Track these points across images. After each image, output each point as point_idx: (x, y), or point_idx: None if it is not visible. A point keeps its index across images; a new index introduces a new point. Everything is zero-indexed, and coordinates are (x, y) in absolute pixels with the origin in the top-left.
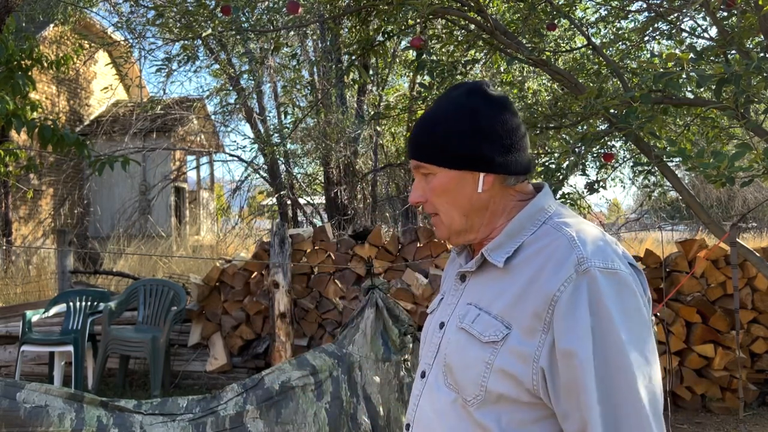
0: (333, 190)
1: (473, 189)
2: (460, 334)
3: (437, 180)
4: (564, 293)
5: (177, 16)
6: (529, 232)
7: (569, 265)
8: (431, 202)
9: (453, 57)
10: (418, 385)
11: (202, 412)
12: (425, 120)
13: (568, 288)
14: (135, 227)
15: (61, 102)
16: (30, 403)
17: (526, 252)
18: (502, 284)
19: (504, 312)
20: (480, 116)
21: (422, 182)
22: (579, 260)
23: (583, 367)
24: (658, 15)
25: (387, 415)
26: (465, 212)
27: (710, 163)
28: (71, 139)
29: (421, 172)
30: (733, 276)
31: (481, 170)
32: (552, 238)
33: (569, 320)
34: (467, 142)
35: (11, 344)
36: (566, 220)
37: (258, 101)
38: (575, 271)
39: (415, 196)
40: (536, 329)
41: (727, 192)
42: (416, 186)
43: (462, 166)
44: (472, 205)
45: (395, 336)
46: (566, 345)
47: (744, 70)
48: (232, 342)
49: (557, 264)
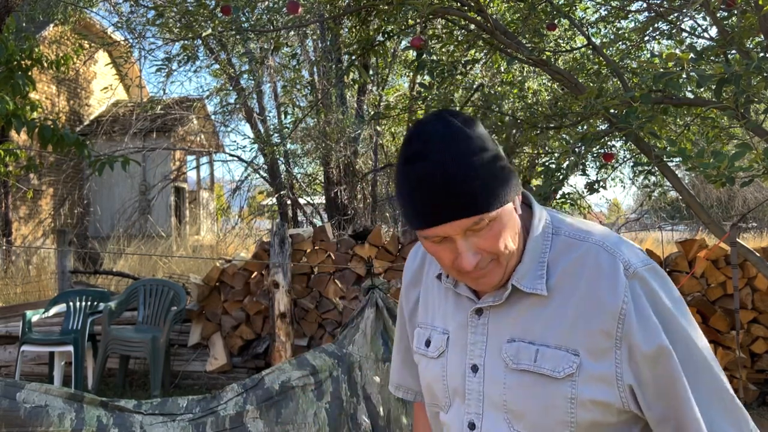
0: (333, 190)
1: (515, 217)
2: (522, 376)
3: (500, 222)
4: (628, 304)
5: (177, 16)
6: (546, 248)
7: (619, 275)
8: (490, 251)
9: (453, 57)
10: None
11: (202, 412)
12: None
13: (628, 298)
14: (135, 227)
15: (61, 102)
16: (30, 403)
17: (557, 270)
18: (548, 310)
19: (564, 340)
20: (488, 136)
21: (472, 238)
22: (625, 266)
23: (670, 364)
24: (658, 15)
25: (387, 415)
26: (517, 243)
27: (710, 163)
28: (71, 139)
29: (475, 227)
30: (733, 276)
31: (519, 191)
32: (580, 251)
33: (642, 326)
34: (504, 168)
35: (11, 344)
36: (574, 227)
37: (258, 101)
38: (626, 278)
39: (472, 258)
40: (608, 348)
41: (727, 192)
42: (465, 248)
43: (513, 194)
44: (517, 230)
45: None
46: (648, 348)
47: (744, 70)
48: (232, 342)
49: (608, 277)
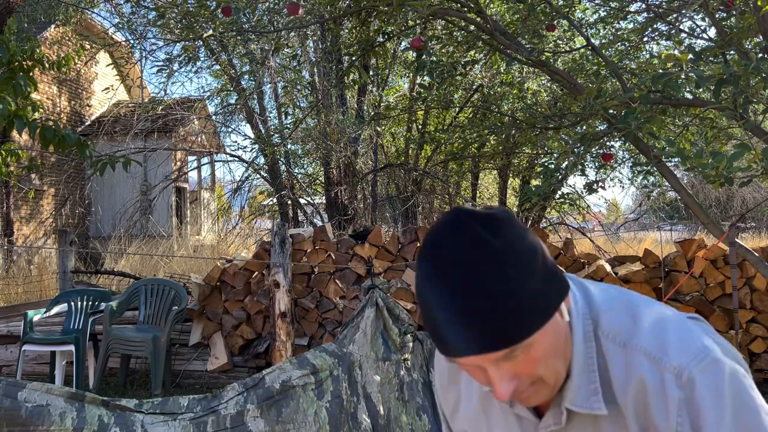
0: (333, 190)
1: (563, 324)
2: None
3: (540, 346)
4: (684, 418)
5: (178, 17)
6: (592, 354)
7: (671, 389)
8: (533, 375)
9: (453, 57)
10: None
11: (203, 411)
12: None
13: (683, 412)
14: (136, 227)
15: (62, 102)
16: (31, 402)
17: (608, 380)
18: (611, 427)
19: None
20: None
21: (507, 365)
22: (676, 374)
23: None
24: (657, 16)
25: (387, 414)
26: (564, 357)
27: (709, 164)
28: (72, 140)
29: (513, 355)
30: (732, 276)
31: (562, 298)
32: (627, 361)
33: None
34: (545, 280)
35: (13, 344)
36: (613, 323)
37: (258, 102)
38: (679, 389)
39: (507, 388)
40: None
41: (725, 192)
42: (501, 376)
43: (555, 309)
44: (563, 341)
45: (395, 335)
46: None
47: (743, 70)
48: (232, 341)
49: (657, 395)
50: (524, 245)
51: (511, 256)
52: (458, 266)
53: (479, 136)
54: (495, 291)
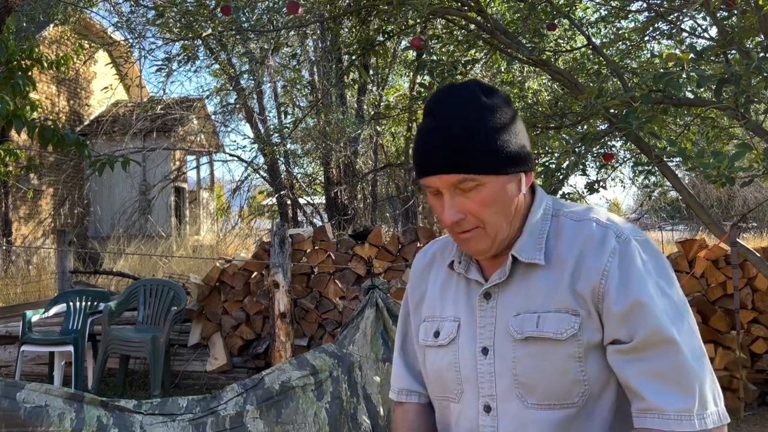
0: (333, 190)
1: (517, 191)
2: (529, 346)
3: (487, 191)
4: (613, 263)
5: (177, 16)
6: (546, 227)
7: (610, 240)
8: (475, 215)
9: (453, 57)
10: (484, 421)
11: (202, 412)
12: (462, 128)
13: (615, 258)
14: (135, 227)
15: (61, 102)
16: (30, 403)
17: (555, 244)
18: (548, 280)
19: (563, 303)
20: (511, 116)
21: (459, 197)
22: (617, 233)
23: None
24: (658, 15)
25: (387, 415)
26: (510, 218)
27: (710, 163)
28: (71, 140)
29: (462, 186)
30: (734, 276)
31: (524, 170)
32: (578, 228)
33: (624, 280)
34: (514, 143)
35: (11, 344)
36: (575, 209)
37: (258, 101)
38: (617, 242)
39: (452, 213)
40: (598, 304)
41: (727, 192)
42: (451, 204)
43: (513, 170)
44: (515, 209)
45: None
46: (630, 298)
47: (744, 70)
48: (232, 342)
49: (598, 242)
50: (508, 114)
51: (492, 112)
52: (446, 103)
53: None
54: (466, 125)
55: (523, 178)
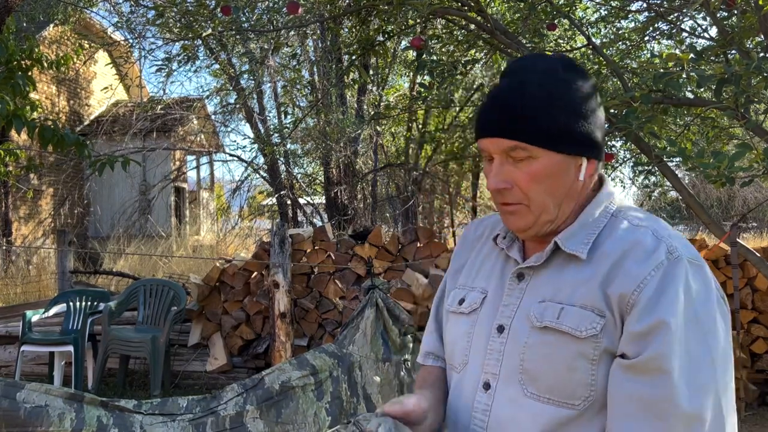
0: (333, 190)
1: (574, 176)
2: (544, 335)
3: (539, 165)
4: (654, 277)
5: (177, 16)
6: (601, 223)
7: (660, 253)
8: (522, 189)
9: (453, 57)
10: (480, 398)
11: (202, 412)
12: (528, 95)
13: (659, 272)
14: (135, 227)
15: (61, 102)
16: (30, 403)
17: (604, 243)
18: (581, 274)
19: (590, 300)
20: (586, 97)
21: (508, 165)
22: (669, 249)
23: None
24: (658, 15)
25: None
26: (559, 201)
27: (710, 163)
28: (71, 140)
29: (514, 155)
30: (734, 276)
31: (588, 156)
32: (631, 231)
33: (657, 297)
34: (580, 124)
35: (11, 344)
36: (640, 215)
37: (258, 101)
38: (666, 258)
39: (497, 181)
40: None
41: (727, 192)
42: (499, 170)
43: (572, 151)
44: (567, 193)
45: (395, 336)
46: (655, 317)
47: (744, 70)
48: (232, 342)
49: (646, 251)
50: (582, 94)
51: (565, 87)
52: (522, 70)
53: None
54: (530, 93)
55: (584, 164)
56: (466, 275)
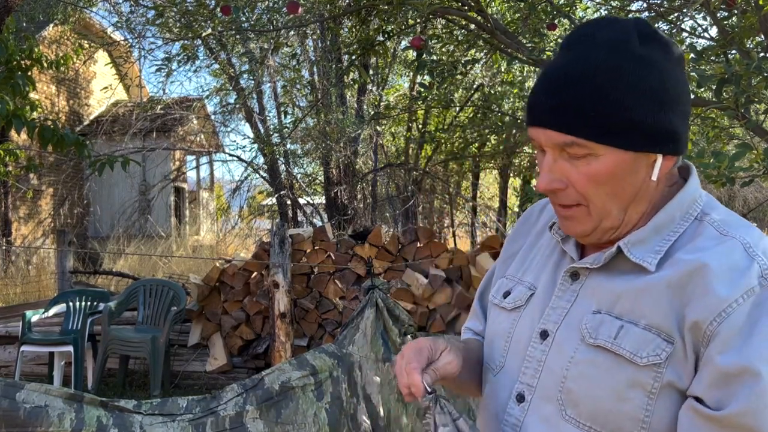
0: (333, 190)
1: (646, 175)
2: (596, 354)
3: (601, 164)
4: (743, 306)
5: (177, 15)
6: (680, 228)
7: (751, 276)
8: (579, 190)
9: (453, 57)
10: (512, 410)
11: (202, 412)
12: (589, 78)
13: (748, 301)
14: (135, 227)
15: (60, 102)
16: (29, 403)
17: (681, 251)
18: (648, 284)
19: (659, 321)
20: (667, 78)
21: (563, 162)
22: (764, 271)
23: (762, 390)
24: (658, 15)
25: (387, 416)
26: (625, 205)
27: (710, 163)
28: (71, 139)
29: (570, 151)
30: None
31: (663, 152)
32: (717, 241)
33: (747, 334)
34: (657, 114)
35: (11, 344)
36: (729, 219)
37: (258, 101)
38: (759, 283)
39: (549, 180)
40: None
41: (727, 192)
42: (552, 167)
43: (644, 147)
44: (636, 195)
45: (395, 336)
46: (743, 361)
47: (744, 70)
48: (231, 342)
49: (734, 270)
50: (663, 75)
51: (640, 67)
52: (586, 41)
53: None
54: (593, 76)
55: (659, 160)
56: (518, 265)
